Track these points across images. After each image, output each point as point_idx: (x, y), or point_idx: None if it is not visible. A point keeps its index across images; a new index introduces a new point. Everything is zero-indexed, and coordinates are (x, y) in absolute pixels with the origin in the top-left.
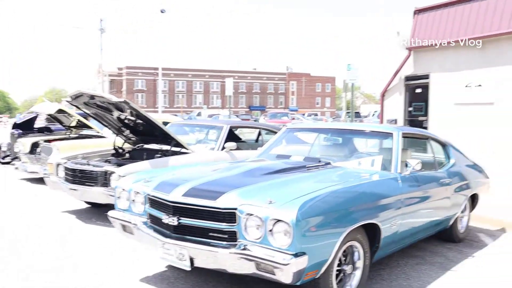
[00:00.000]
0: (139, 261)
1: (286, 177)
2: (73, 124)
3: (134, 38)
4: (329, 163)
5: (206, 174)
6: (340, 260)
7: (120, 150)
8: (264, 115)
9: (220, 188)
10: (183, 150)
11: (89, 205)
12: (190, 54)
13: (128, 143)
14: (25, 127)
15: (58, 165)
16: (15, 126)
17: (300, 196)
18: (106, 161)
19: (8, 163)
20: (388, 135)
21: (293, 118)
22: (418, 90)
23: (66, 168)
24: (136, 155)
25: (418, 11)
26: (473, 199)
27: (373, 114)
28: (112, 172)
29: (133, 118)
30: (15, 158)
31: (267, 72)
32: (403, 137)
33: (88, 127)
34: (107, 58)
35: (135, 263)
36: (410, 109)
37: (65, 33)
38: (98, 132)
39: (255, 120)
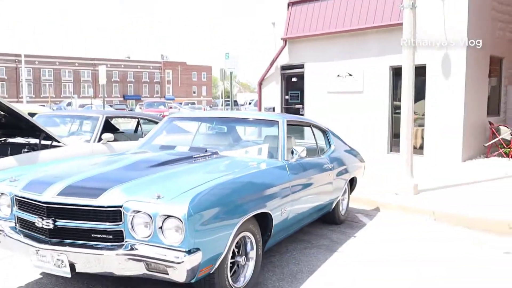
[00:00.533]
0: (7, 270)
1: (173, 169)
2: None
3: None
4: (216, 153)
5: (84, 170)
6: (233, 252)
7: None
8: (140, 104)
9: (101, 184)
10: (55, 143)
11: None
12: (57, 40)
13: None
14: None
15: None
16: None
17: (190, 189)
18: None
19: None
20: (273, 123)
21: (171, 107)
22: (294, 79)
23: None
24: None
25: (292, 3)
26: (351, 182)
27: (250, 103)
28: None
29: None
30: None
31: (141, 61)
32: (287, 124)
33: None
34: None
35: (5, 271)
36: (287, 97)
37: None
38: None
39: (130, 110)
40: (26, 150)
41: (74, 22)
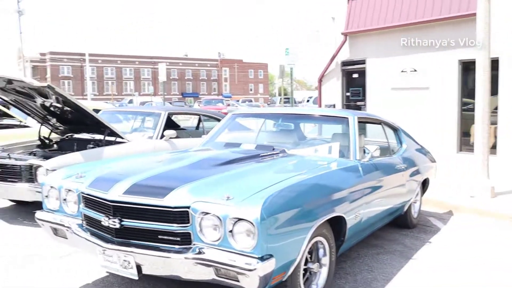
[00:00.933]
0: (76, 264)
1: (240, 168)
2: None
3: (57, 21)
4: (283, 151)
5: (148, 167)
6: (305, 258)
7: (47, 141)
8: (198, 101)
9: (167, 183)
10: (118, 139)
11: (14, 203)
12: (119, 39)
13: (56, 133)
14: None
15: None
16: None
17: (261, 190)
18: (31, 153)
19: None
20: (343, 119)
21: (228, 105)
22: (355, 75)
23: None
24: (66, 146)
25: None
26: (423, 184)
27: (308, 100)
28: (39, 166)
29: (59, 105)
30: None
31: (199, 59)
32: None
33: (9, 116)
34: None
35: (71, 267)
36: (348, 94)
37: None
38: (21, 122)
39: (189, 107)
40: (91, 146)
41: (132, 21)
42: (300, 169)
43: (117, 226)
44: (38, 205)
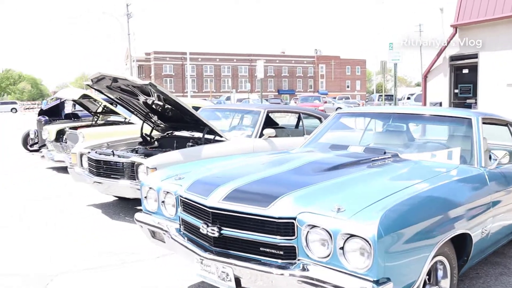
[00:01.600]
0: (172, 266)
1: (350, 174)
2: (100, 110)
3: (161, 22)
4: (396, 155)
5: (250, 171)
6: (424, 281)
7: (148, 138)
8: (294, 98)
9: (271, 190)
10: (217, 137)
11: (116, 198)
12: (217, 37)
13: (157, 130)
14: (52, 113)
15: (81, 155)
16: (41, 112)
17: (376, 202)
18: (133, 150)
19: (36, 150)
20: (464, 120)
21: (325, 102)
22: (465, 71)
23: (90, 159)
24: (166, 143)
25: None
26: None
27: (408, 97)
28: (140, 164)
29: (161, 103)
30: (43, 146)
31: (295, 55)
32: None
33: (115, 113)
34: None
35: (166, 269)
36: (456, 91)
37: (94, 19)
38: (125, 119)
39: (285, 104)
40: (190, 144)
41: (229, 19)
42: (418, 177)
43: (216, 234)
44: (139, 202)
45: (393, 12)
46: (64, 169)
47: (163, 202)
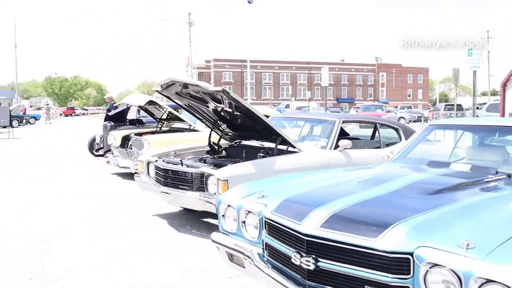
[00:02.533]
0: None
1: (464, 199)
2: (164, 116)
3: (221, 30)
4: (510, 176)
5: (344, 190)
6: None
7: (216, 147)
8: (354, 107)
9: (378, 217)
10: (290, 148)
11: (182, 208)
12: (276, 45)
13: (225, 139)
14: (117, 119)
15: (148, 163)
16: (107, 118)
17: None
18: (201, 160)
19: (101, 155)
20: None
21: (388, 111)
22: None
23: (157, 168)
24: (234, 153)
25: None
26: None
27: (478, 107)
28: (210, 175)
29: (230, 110)
30: (108, 151)
31: (355, 63)
32: None
33: (180, 120)
34: (195, 50)
35: None
36: None
37: (155, 26)
38: (190, 126)
39: (345, 113)
40: (261, 154)
41: (289, 27)
42: None
43: (311, 267)
44: (206, 214)
45: (458, 16)
46: (128, 175)
47: (243, 222)
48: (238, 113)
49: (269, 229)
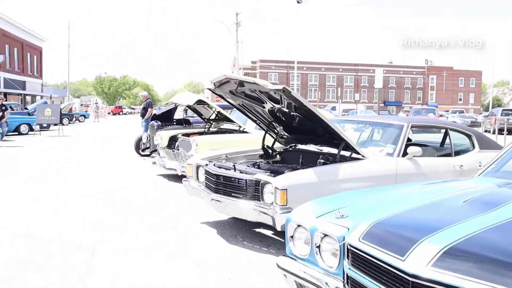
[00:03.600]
0: None
1: None
2: (213, 116)
3: (268, 30)
4: None
5: (452, 214)
6: None
7: (270, 151)
8: (403, 111)
9: (500, 256)
10: (354, 155)
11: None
12: (323, 47)
13: (279, 142)
14: (164, 118)
15: (198, 167)
16: (154, 117)
17: None
18: (255, 165)
19: (147, 155)
20: None
21: (441, 115)
22: None
23: (208, 173)
24: (290, 158)
25: None
26: None
27: None
28: (267, 183)
29: (287, 111)
30: (154, 151)
31: (404, 66)
32: None
33: (229, 121)
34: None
35: None
36: None
37: (204, 27)
38: (240, 127)
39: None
40: (321, 161)
41: (335, 28)
42: None
43: None
44: (258, 224)
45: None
46: (175, 177)
47: (318, 247)
48: (297, 114)
49: (354, 260)
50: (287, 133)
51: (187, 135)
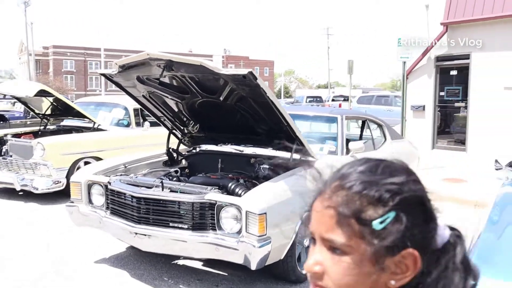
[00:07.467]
0: None
1: None
2: (49, 112)
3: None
4: None
5: None
6: None
7: (175, 155)
8: None
9: None
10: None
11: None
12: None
13: (184, 143)
14: None
15: (90, 185)
16: None
17: None
18: (167, 175)
19: None
20: None
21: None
22: (453, 72)
23: (117, 194)
24: (200, 163)
25: None
26: None
27: (333, 99)
28: (228, 205)
29: (221, 103)
30: None
31: (203, 54)
32: None
33: (80, 115)
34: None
35: None
36: (442, 93)
37: None
38: (94, 123)
39: None
40: (266, 166)
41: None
42: None
43: None
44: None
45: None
46: (10, 193)
47: None
48: (238, 108)
49: None
50: (204, 131)
51: (18, 135)
